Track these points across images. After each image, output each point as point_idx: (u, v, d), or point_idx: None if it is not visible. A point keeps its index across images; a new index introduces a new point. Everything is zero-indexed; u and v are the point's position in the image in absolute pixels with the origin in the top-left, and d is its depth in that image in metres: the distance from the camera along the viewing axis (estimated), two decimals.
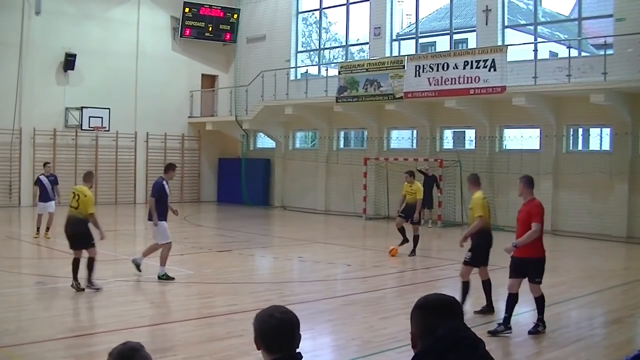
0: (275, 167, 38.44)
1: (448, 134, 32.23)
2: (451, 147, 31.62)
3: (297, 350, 3.97)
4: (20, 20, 34.22)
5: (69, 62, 35.42)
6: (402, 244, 20.19)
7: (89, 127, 35.92)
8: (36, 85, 34.72)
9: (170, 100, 39.36)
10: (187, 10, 39.06)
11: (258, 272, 19.13)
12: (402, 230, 20.23)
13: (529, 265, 11.44)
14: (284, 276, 18.00)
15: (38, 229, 21.76)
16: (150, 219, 16.64)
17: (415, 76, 28.89)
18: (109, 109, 36.33)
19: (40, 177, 22.01)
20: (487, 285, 12.93)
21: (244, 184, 38.78)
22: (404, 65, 29.53)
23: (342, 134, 36.50)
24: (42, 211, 22.14)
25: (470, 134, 31.44)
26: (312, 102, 34.04)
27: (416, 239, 20.10)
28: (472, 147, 30.44)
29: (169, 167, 17.46)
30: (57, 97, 35.45)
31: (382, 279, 16.92)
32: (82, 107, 35.74)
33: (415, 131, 32.56)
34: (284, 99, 35.16)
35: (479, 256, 12.80)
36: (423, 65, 28.73)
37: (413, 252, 20.02)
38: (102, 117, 36.19)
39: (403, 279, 16.73)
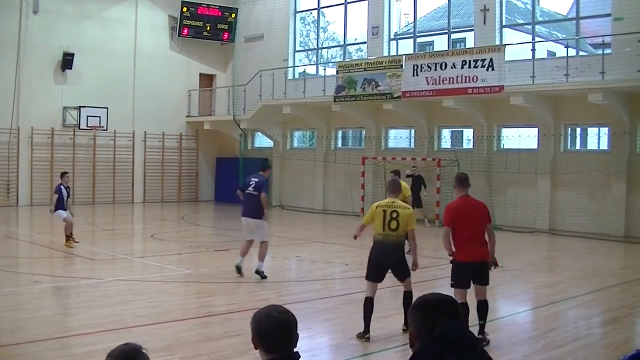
0: (273, 166, 38.43)
1: (446, 133, 32.27)
2: (449, 147, 31.66)
3: (295, 350, 3.97)
4: (18, 20, 34.23)
5: (67, 61, 35.43)
6: None
7: (87, 126, 35.92)
8: (34, 85, 34.73)
9: (168, 100, 39.38)
10: (185, 9, 39.07)
11: (254, 271, 19.12)
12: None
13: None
14: (282, 275, 18.01)
15: (68, 236, 21.23)
16: (255, 215, 16.50)
17: (413, 75, 28.90)
18: (107, 108, 36.33)
19: (60, 185, 21.82)
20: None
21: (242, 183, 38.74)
22: (401, 65, 29.54)
23: (340, 133, 36.52)
24: (65, 219, 21.52)
25: (468, 133, 31.50)
26: (310, 102, 34.06)
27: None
28: (470, 146, 30.49)
29: (267, 166, 18.11)
30: (55, 96, 35.45)
31: None
32: (80, 107, 35.75)
33: (413, 130, 32.58)
34: (281, 99, 35.15)
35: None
36: (421, 65, 28.73)
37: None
38: (100, 117, 36.20)
39: None
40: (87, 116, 35.92)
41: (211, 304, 13.57)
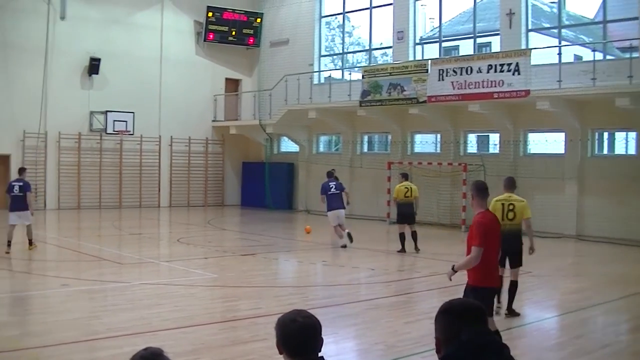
0: (299, 171, 38.47)
1: (472, 138, 32.09)
2: (475, 151, 31.49)
3: (320, 355, 3.97)
4: (45, 26, 34.49)
5: (94, 66, 35.67)
6: (399, 251, 21.60)
7: (114, 130, 36.13)
8: (61, 90, 34.98)
9: (194, 104, 39.53)
10: (210, 14, 39.21)
11: (282, 275, 19.16)
12: (403, 237, 21.61)
13: (469, 294, 9.16)
14: (308, 280, 18.01)
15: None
16: (343, 207, 23.59)
17: (439, 80, 28.83)
18: (133, 113, 36.52)
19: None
20: (511, 290, 12.89)
21: (268, 187, 38.85)
22: (427, 69, 29.48)
23: (365, 138, 36.47)
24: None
25: (494, 138, 31.32)
26: (335, 106, 34.04)
27: (414, 234, 21.61)
28: (496, 151, 30.30)
29: (331, 173, 24.47)
30: (82, 101, 35.69)
31: (406, 283, 16.89)
32: (107, 111, 35.97)
33: (439, 135, 32.47)
34: (307, 103, 35.20)
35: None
36: (446, 69, 28.65)
37: (416, 249, 21.49)
38: (126, 121, 36.40)
39: (427, 283, 16.64)
40: (114, 121, 36.13)
41: (237, 308, 13.59)
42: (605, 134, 28.68)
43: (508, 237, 12.27)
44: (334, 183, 23.46)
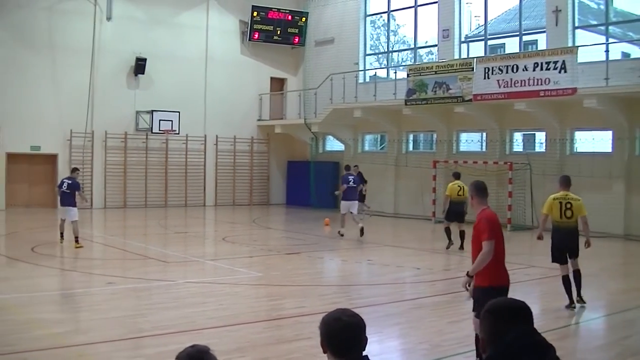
0: (344, 170, 38.40)
1: (518, 136, 31.86)
2: (521, 150, 31.24)
3: (364, 354, 3.96)
4: (92, 26, 34.93)
5: (140, 66, 36.02)
6: (448, 247, 22.13)
7: (159, 130, 36.38)
8: (108, 90, 35.37)
9: (239, 104, 39.71)
10: (255, 14, 39.35)
11: (326, 274, 19.16)
12: (450, 231, 22.21)
13: (480, 296, 8.58)
14: (352, 279, 17.99)
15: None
16: (357, 199, 26.72)
17: (485, 78, 28.66)
18: (178, 112, 36.74)
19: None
20: (576, 278, 13.42)
21: (313, 186, 38.88)
22: (472, 68, 29.33)
23: (410, 136, 36.37)
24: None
25: (540, 136, 31.06)
26: (380, 105, 33.99)
27: (463, 233, 21.62)
28: (543, 149, 30.06)
29: (349, 167, 28.53)
30: (128, 100, 36.06)
31: (451, 282, 16.79)
32: (153, 111, 36.23)
33: (484, 134, 32.28)
34: (352, 102, 35.18)
35: (553, 254, 13.59)
36: (492, 68, 28.48)
37: (462, 247, 21.52)
38: (172, 121, 36.62)
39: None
40: (160, 120, 36.38)
41: (282, 307, 13.63)
42: None
43: (566, 234, 13.33)
44: (352, 177, 26.24)
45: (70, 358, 9.79)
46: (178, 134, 37.17)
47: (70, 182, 21.57)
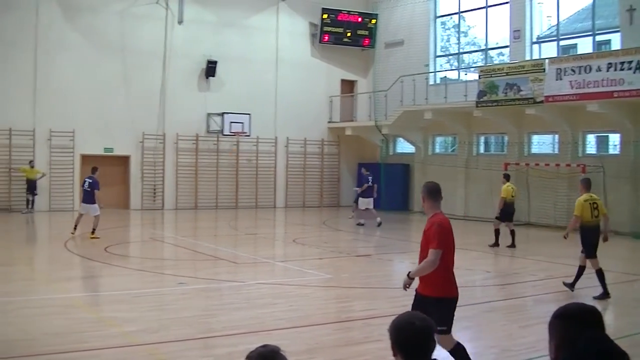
0: (414, 172, 38.33)
1: (591, 138, 31.39)
2: (594, 152, 30.79)
3: (433, 357, 3.96)
4: (163, 30, 35.47)
5: (210, 68, 36.44)
6: (492, 245, 23.00)
7: (230, 132, 36.68)
8: (179, 92, 35.86)
9: (309, 106, 39.87)
10: (325, 16, 39.49)
11: (396, 277, 19.08)
12: (498, 233, 23.13)
13: (428, 307, 7.78)
14: None
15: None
16: None
17: (557, 79, 28.31)
18: (249, 114, 37.00)
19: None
20: (599, 275, 14.59)
21: (383, 188, 38.77)
22: (544, 69, 29.01)
23: (481, 139, 36.09)
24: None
25: (614, 138, 30.54)
26: (451, 107, 33.82)
27: (514, 232, 23.19)
28: (617, 152, 29.57)
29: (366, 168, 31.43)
30: (199, 103, 36.50)
31: (522, 286, 16.65)
32: (223, 113, 36.57)
33: (556, 136, 31.84)
34: (423, 104, 35.06)
35: (585, 249, 14.86)
36: (564, 68, 28.11)
37: (514, 245, 22.65)
38: (242, 123, 36.92)
39: (543, 287, 16.31)
40: (230, 122, 36.71)
41: (351, 309, 13.64)
42: None
43: (595, 231, 14.91)
44: (371, 177, 30.88)
45: (141, 357, 9.95)
46: (249, 136, 37.45)
47: (90, 181, 23.21)
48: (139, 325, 11.75)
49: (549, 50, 32.82)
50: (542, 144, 33.15)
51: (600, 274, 14.58)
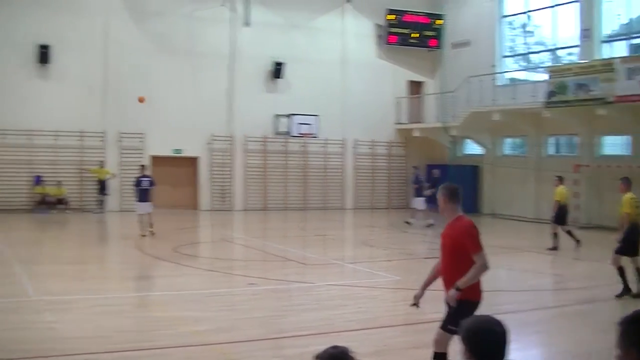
0: (483, 173, 38.06)
1: None
2: None
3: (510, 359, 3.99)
4: (230, 32, 35.85)
5: (277, 70, 36.73)
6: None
7: (298, 133, 36.88)
8: (247, 93, 36.23)
9: (376, 107, 39.90)
10: (391, 17, 39.44)
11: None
12: (557, 236, 22.86)
13: (449, 306, 8.39)
14: (491, 285, 17.64)
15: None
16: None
17: (628, 79, 27.84)
18: (317, 115, 37.18)
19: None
20: (622, 272, 14.96)
21: None
22: (615, 68, 28.55)
23: (551, 140, 35.67)
24: None
25: None
26: (520, 108, 33.44)
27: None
28: None
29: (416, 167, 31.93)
30: (266, 104, 36.83)
31: (595, 290, 16.41)
32: (291, 114, 36.79)
33: (629, 137, 31.26)
34: (490, 105, 34.79)
35: (626, 247, 15.01)
36: (636, 68, 27.66)
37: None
38: (310, 124, 37.12)
39: (615, 291, 16.06)
40: (298, 124, 36.94)
41: (420, 311, 13.59)
42: None
43: (638, 228, 15.20)
44: (422, 177, 31.37)
45: (212, 356, 10.14)
46: (317, 137, 37.61)
47: (149, 179, 24.23)
48: (210, 324, 11.93)
49: (620, 49, 32.29)
50: (614, 145, 32.62)
51: (622, 271, 15.04)
